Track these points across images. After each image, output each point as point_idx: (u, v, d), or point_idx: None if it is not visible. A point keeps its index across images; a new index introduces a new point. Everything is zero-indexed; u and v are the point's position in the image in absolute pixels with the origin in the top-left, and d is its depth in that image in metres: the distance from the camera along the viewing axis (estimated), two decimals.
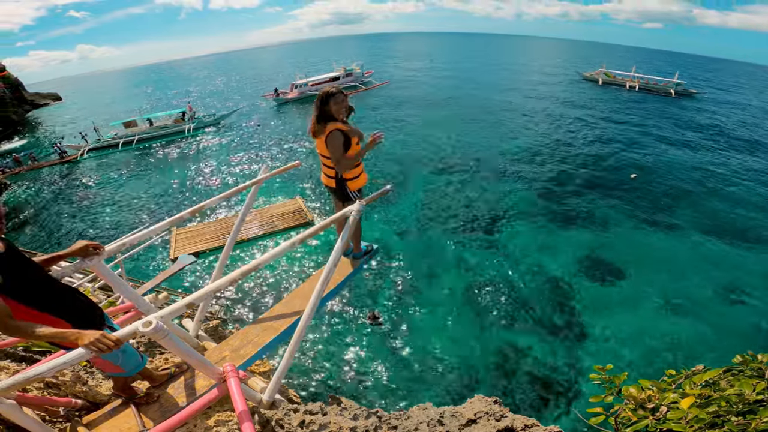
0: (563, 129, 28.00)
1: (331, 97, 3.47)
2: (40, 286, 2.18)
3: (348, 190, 3.84)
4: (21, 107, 53.58)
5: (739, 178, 19.83)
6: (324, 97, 3.49)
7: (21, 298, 2.05)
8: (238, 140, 28.55)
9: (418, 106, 36.11)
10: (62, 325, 2.18)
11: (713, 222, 15.41)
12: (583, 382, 8.82)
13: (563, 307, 11.10)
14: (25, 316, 2.00)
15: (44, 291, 2.19)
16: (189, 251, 13.68)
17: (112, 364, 2.52)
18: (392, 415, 3.05)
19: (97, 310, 2.52)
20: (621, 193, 17.77)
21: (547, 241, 14.11)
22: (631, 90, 44.43)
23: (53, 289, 2.26)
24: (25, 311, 2.07)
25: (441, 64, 77.82)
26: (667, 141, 25.39)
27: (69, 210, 19.43)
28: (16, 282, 2.03)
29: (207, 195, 19.33)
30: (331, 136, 3.47)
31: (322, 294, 3.05)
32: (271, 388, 2.87)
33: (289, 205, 16.55)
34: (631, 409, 1.62)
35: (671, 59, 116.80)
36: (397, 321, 10.69)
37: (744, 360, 1.82)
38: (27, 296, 2.08)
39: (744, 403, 1.42)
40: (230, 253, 4.13)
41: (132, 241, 3.24)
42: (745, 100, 44.06)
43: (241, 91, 54.90)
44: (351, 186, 3.83)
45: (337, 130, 3.48)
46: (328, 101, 3.47)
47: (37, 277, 2.19)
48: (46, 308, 2.17)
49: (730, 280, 12.16)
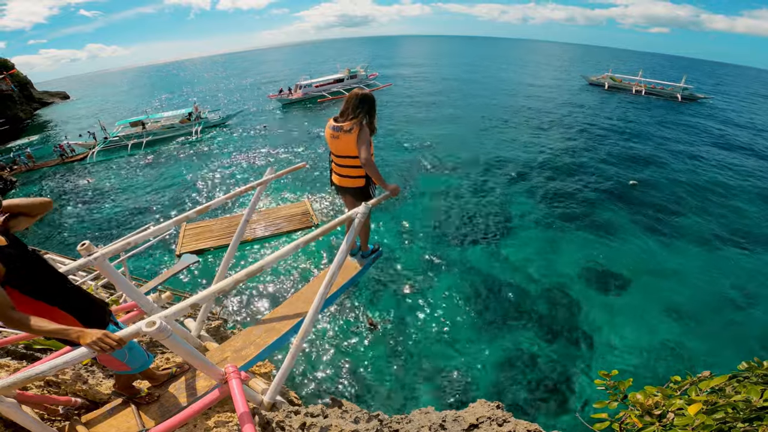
0: (567, 134, 27.91)
1: (373, 102, 3.46)
2: (48, 281, 2.18)
3: (372, 189, 3.80)
4: (29, 105, 54.14)
5: (745, 185, 19.69)
6: (368, 99, 3.46)
7: (28, 290, 2.06)
8: (244, 140, 28.65)
9: (420, 108, 36.13)
10: (70, 320, 2.19)
11: (718, 228, 15.29)
12: (587, 388, 8.75)
13: (566, 313, 11.03)
14: (32, 310, 1.99)
15: (52, 286, 2.19)
16: (196, 247, 13.79)
17: (118, 361, 2.53)
18: (393, 419, 3.04)
19: (105, 306, 2.53)
20: (623, 199, 17.65)
21: (550, 247, 14.04)
22: (638, 94, 44.31)
23: (62, 284, 2.27)
24: (33, 304, 2.07)
25: (445, 66, 77.92)
26: (672, 147, 25.25)
27: (74, 208, 19.55)
28: (21, 274, 2.03)
29: (212, 195, 19.42)
30: (364, 131, 3.43)
31: (326, 296, 3.05)
32: (272, 389, 2.87)
33: (296, 207, 16.53)
34: (637, 415, 1.60)
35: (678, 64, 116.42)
36: (399, 324, 10.66)
37: (750, 366, 1.80)
38: (34, 289, 2.08)
39: (751, 410, 1.40)
40: (235, 253, 4.14)
41: (136, 240, 3.25)
42: (753, 106, 43.81)
43: (247, 92, 55.19)
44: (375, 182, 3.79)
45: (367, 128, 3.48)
46: (374, 105, 3.46)
47: (44, 271, 2.19)
48: (55, 302, 2.17)
49: (735, 287, 12.06)
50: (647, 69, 63.55)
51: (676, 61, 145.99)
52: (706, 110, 38.00)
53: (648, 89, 44.61)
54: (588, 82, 53.23)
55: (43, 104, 61.94)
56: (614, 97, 43.28)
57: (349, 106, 3.44)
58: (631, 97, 43.29)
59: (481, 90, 47.18)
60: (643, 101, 40.67)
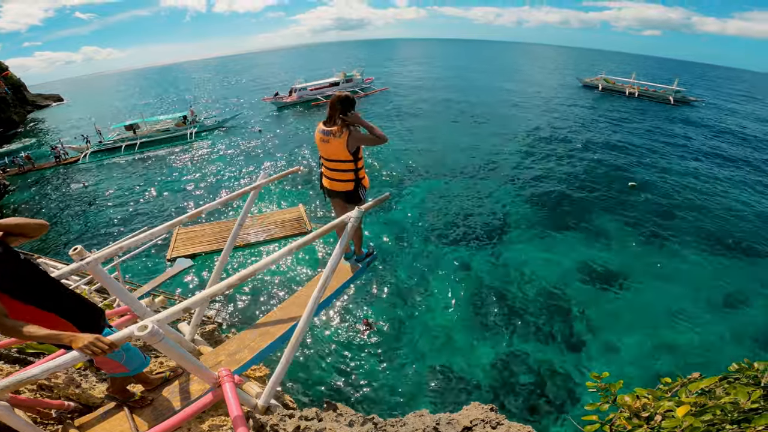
0: (562, 136, 28.04)
1: (353, 103, 3.50)
2: (43, 287, 2.18)
3: (362, 192, 3.82)
4: (23, 108, 53.76)
5: (739, 186, 19.87)
6: (348, 101, 3.49)
7: (22, 297, 2.05)
8: (239, 144, 28.55)
9: (415, 111, 36.24)
10: (67, 326, 2.18)
11: (711, 232, 15.37)
12: (579, 390, 8.78)
13: (560, 316, 11.06)
14: (27, 316, 2.00)
15: (47, 292, 2.19)
16: (188, 252, 13.65)
17: (115, 362, 2.52)
18: (388, 422, 3.04)
19: (98, 311, 2.52)
20: (619, 202, 17.73)
21: (545, 250, 14.08)
22: (631, 96, 44.63)
23: (57, 291, 2.27)
24: (27, 310, 2.06)
25: (441, 69, 78.18)
26: (666, 149, 25.43)
27: (68, 212, 19.41)
28: (14, 281, 2.03)
29: (207, 199, 19.33)
30: (354, 133, 3.50)
31: (320, 300, 3.05)
32: (266, 393, 2.86)
33: (290, 212, 16.40)
34: (626, 417, 1.61)
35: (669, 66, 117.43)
36: (394, 327, 10.65)
37: (740, 368, 1.81)
38: (28, 295, 2.08)
39: (739, 411, 1.41)
40: (228, 258, 4.13)
41: (129, 244, 3.24)
42: (743, 109, 44.23)
43: (243, 95, 55.04)
44: (366, 185, 3.83)
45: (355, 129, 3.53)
46: (353, 106, 3.50)
47: (38, 277, 2.18)
48: (51, 308, 2.17)
49: (725, 289, 12.13)
50: (640, 71, 63.98)
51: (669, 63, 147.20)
52: (698, 113, 38.30)
53: (641, 92, 44.96)
54: (582, 84, 53.58)
55: (37, 107, 61.53)
56: (608, 99, 43.59)
57: (333, 111, 3.49)
58: (624, 99, 43.61)
59: (475, 92, 47.29)
60: (637, 103, 40.96)
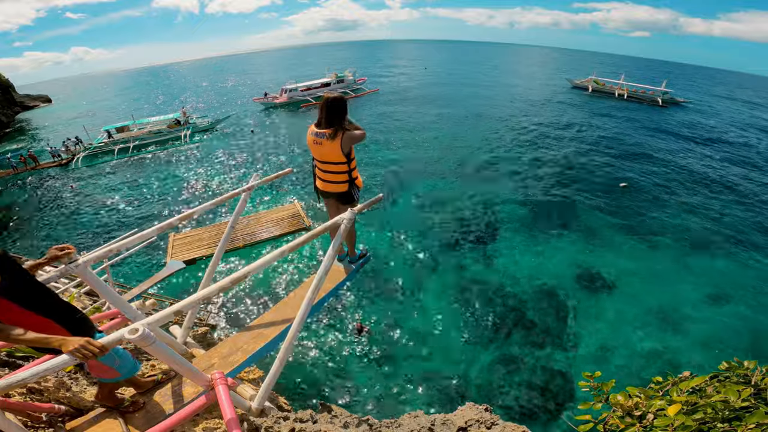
0: (552, 138, 28.24)
1: (345, 104, 3.48)
2: (40, 292, 2.18)
3: (356, 192, 3.81)
4: (11, 109, 53.03)
5: (729, 186, 20.15)
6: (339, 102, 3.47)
7: (20, 301, 2.04)
8: (231, 146, 28.35)
9: (408, 113, 36.29)
10: (62, 332, 2.16)
11: (698, 233, 15.54)
12: (573, 390, 8.84)
13: (553, 316, 11.14)
14: (24, 320, 1.99)
15: (43, 297, 2.19)
16: (187, 257, 13.45)
17: (107, 366, 2.50)
18: (383, 423, 3.04)
19: (85, 317, 2.50)
20: (610, 203, 17.89)
21: (538, 251, 14.15)
22: (620, 98, 45.06)
23: (51, 296, 2.27)
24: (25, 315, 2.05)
25: (434, 71, 78.39)
26: (655, 150, 25.69)
27: (57, 215, 19.15)
28: (15, 284, 2.03)
29: (199, 201, 19.16)
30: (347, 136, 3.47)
31: (313, 302, 3.04)
32: (260, 395, 2.84)
33: (286, 209, 16.28)
34: (618, 416, 1.62)
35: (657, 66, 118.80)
36: (388, 329, 10.65)
37: (730, 366, 1.83)
38: (26, 300, 2.08)
39: (730, 410, 1.43)
40: (221, 260, 4.10)
41: (120, 246, 3.21)
42: (730, 110, 44.91)
43: (235, 96, 54.73)
44: (359, 184, 3.82)
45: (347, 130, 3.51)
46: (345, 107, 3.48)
47: (35, 283, 2.19)
48: (48, 314, 2.17)
49: (715, 289, 12.29)
50: (629, 73, 64.60)
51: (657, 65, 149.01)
52: (686, 114, 38.79)
53: (630, 93, 45.43)
54: (572, 86, 53.99)
55: (25, 108, 60.71)
56: (598, 100, 43.97)
57: (325, 114, 3.47)
58: (614, 100, 44.03)
59: (465, 93, 47.51)
60: (626, 105, 41.37)
